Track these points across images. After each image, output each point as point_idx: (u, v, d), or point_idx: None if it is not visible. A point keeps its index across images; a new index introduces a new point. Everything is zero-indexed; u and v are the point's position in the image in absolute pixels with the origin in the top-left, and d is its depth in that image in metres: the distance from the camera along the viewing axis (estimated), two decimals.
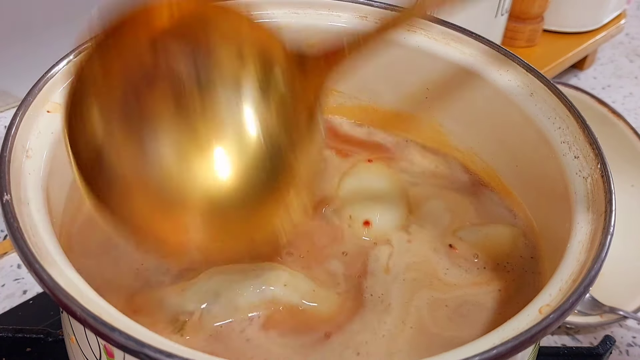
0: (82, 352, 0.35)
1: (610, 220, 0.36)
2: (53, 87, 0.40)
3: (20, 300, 0.60)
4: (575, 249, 0.36)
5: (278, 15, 0.50)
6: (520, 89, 0.46)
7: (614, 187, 0.38)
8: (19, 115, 0.37)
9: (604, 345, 0.53)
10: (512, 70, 0.47)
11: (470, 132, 0.51)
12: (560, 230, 0.39)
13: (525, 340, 0.30)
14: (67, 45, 0.42)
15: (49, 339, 0.47)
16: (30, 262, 0.30)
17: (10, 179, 0.33)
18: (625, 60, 1.16)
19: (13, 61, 0.75)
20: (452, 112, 0.51)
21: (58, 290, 0.29)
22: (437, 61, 0.49)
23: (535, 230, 0.46)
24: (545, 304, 0.32)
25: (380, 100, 0.54)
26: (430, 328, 0.38)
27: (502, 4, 0.83)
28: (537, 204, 0.46)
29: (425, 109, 0.53)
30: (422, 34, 0.50)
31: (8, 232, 0.31)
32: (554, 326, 0.31)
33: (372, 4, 0.50)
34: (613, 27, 1.08)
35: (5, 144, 0.35)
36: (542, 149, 0.44)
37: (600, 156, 0.40)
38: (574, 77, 1.10)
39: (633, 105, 1.03)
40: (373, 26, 0.37)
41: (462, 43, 0.49)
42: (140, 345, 0.27)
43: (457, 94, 0.50)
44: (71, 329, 0.36)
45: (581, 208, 0.38)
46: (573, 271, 0.34)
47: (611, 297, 0.65)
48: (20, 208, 0.33)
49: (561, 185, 0.41)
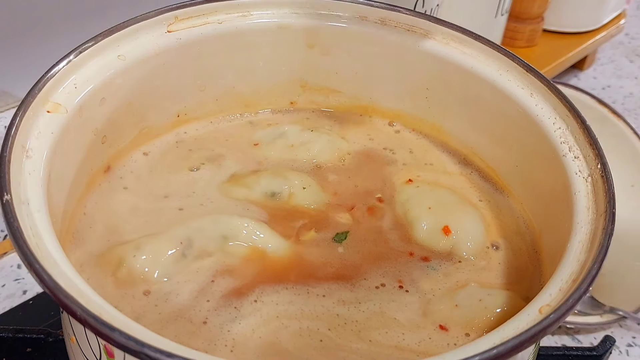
0: (82, 352, 0.35)
1: (611, 220, 0.36)
2: (53, 87, 0.40)
3: (21, 300, 0.60)
4: (575, 249, 0.36)
5: (278, 15, 0.50)
6: (520, 89, 0.46)
7: (614, 187, 0.38)
8: (19, 115, 0.37)
9: (604, 345, 0.53)
10: (512, 70, 0.47)
11: (470, 132, 0.51)
12: (560, 230, 0.39)
13: (525, 340, 0.30)
14: (67, 45, 0.42)
15: (49, 339, 0.47)
16: (30, 262, 0.30)
17: (10, 179, 0.33)
18: (625, 60, 1.16)
19: (13, 61, 0.75)
20: (452, 112, 0.51)
21: (58, 290, 0.29)
22: (437, 61, 0.49)
23: (535, 230, 0.46)
24: (545, 304, 0.32)
25: (380, 100, 0.54)
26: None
27: (502, 4, 0.83)
28: (537, 204, 0.46)
29: (425, 109, 0.53)
30: (422, 34, 0.50)
31: (8, 232, 0.31)
32: (554, 326, 0.31)
33: (372, 4, 0.50)
34: (613, 27, 1.08)
35: (5, 144, 0.35)
36: (542, 149, 0.44)
37: (600, 156, 0.40)
38: (574, 77, 1.10)
39: (633, 105, 1.03)
40: None
41: (462, 43, 0.49)
42: (140, 345, 0.27)
43: (457, 94, 0.50)
44: (71, 329, 0.36)
45: (581, 208, 0.38)
46: (573, 271, 0.34)
47: (611, 297, 0.65)
48: (20, 208, 0.33)
49: (561, 185, 0.41)
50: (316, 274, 0.41)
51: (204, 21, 0.48)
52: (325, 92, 0.54)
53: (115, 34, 0.44)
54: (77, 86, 0.41)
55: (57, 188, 0.38)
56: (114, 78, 0.43)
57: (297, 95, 0.55)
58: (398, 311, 0.39)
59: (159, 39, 0.46)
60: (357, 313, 0.39)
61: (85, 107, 0.41)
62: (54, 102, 0.39)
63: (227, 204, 0.45)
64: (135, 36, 0.45)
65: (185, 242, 0.41)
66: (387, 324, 0.38)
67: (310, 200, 0.46)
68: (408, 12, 0.50)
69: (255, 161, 0.50)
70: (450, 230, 0.44)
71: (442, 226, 0.44)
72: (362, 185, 0.49)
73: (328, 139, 0.51)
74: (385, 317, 0.39)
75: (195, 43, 0.48)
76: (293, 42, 0.51)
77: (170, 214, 0.44)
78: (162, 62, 0.47)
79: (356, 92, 0.54)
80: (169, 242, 0.40)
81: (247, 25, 0.49)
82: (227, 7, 0.49)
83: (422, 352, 0.37)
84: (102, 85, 0.42)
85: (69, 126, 0.39)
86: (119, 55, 0.44)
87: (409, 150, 0.52)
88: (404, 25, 0.50)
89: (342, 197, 0.47)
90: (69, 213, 0.42)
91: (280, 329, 0.37)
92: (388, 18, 0.50)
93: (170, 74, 0.48)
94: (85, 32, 0.44)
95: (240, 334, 0.37)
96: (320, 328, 0.38)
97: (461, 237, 0.44)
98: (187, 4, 0.47)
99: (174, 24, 0.47)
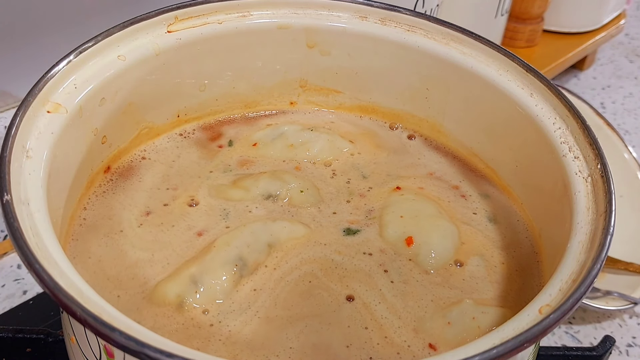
0: (82, 352, 0.35)
1: (610, 220, 0.36)
2: (53, 87, 0.40)
3: (21, 300, 0.60)
4: (575, 249, 0.36)
5: (278, 15, 0.50)
6: (520, 89, 0.46)
7: (614, 187, 0.38)
8: (19, 115, 0.37)
9: (604, 345, 0.53)
10: (512, 70, 0.47)
11: (470, 132, 0.51)
12: (560, 230, 0.39)
13: (525, 340, 0.30)
14: (67, 45, 0.42)
15: (49, 339, 0.47)
16: (30, 262, 0.30)
17: (10, 179, 0.33)
18: (625, 60, 1.16)
19: (13, 61, 0.75)
20: (452, 112, 0.51)
21: (58, 290, 0.29)
22: (437, 61, 0.49)
23: (535, 230, 0.46)
24: (545, 304, 0.32)
25: (380, 100, 0.54)
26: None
27: (502, 4, 0.83)
28: (537, 204, 0.46)
29: (425, 109, 0.53)
30: (422, 34, 0.50)
31: (8, 232, 0.31)
32: (554, 326, 0.31)
33: (372, 4, 0.50)
34: (613, 28, 1.08)
35: (5, 144, 0.35)
36: (542, 149, 0.44)
37: (600, 156, 0.40)
38: (574, 77, 1.10)
39: (633, 106, 1.03)
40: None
41: (462, 43, 0.49)
42: (140, 345, 0.27)
43: (457, 94, 0.50)
44: (71, 329, 0.36)
45: (581, 208, 0.38)
46: (573, 271, 0.34)
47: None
48: (20, 208, 0.33)
49: (561, 185, 0.41)
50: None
51: (204, 21, 0.48)
52: (325, 92, 0.54)
53: (115, 34, 0.44)
54: (77, 86, 0.41)
55: (57, 188, 0.38)
56: (114, 78, 0.43)
57: (296, 96, 0.55)
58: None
59: (159, 39, 0.46)
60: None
61: (85, 107, 0.41)
62: (54, 102, 0.39)
63: (226, 206, 0.46)
64: (135, 36, 0.45)
65: (240, 263, 0.40)
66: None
67: (309, 203, 0.46)
68: (408, 12, 0.50)
69: (253, 162, 0.50)
70: (413, 242, 0.43)
71: (407, 237, 0.43)
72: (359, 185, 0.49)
73: (328, 138, 0.51)
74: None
75: (195, 43, 0.48)
76: (293, 42, 0.51)
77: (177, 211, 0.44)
78: (162, 62, 0.47)
79: (356, 92, 0.54)
80: (223, 267, 0.40)
81: (247, 25, 0.49)
82: (227, 7, 0.49)
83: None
84: (102, 85, 0.42)
85: (69, 126, 0.39)
86: (119, 55, 0.44)
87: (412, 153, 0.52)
88: (404, 26, 0.50)
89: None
90: (69, 213, 0.42)
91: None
92: (388, 18, 0.50)
93: (170, 74, 0.48)
94: (85, 32, 0.44)
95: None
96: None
97: (423, 250, 0.43)
98: (187, 4, 0.47)
99: (174, 24, 0.47)
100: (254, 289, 0.40)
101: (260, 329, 0.38)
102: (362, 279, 0.41)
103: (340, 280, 0.41)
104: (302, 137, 0.51)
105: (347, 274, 0.41)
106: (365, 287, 0.41)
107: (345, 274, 0.41)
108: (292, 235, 0.43)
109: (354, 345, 0.37)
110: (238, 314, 0.38)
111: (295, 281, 0.41)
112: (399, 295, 0.40)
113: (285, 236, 0.43)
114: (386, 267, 0.42)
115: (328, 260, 0.42)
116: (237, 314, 0.38)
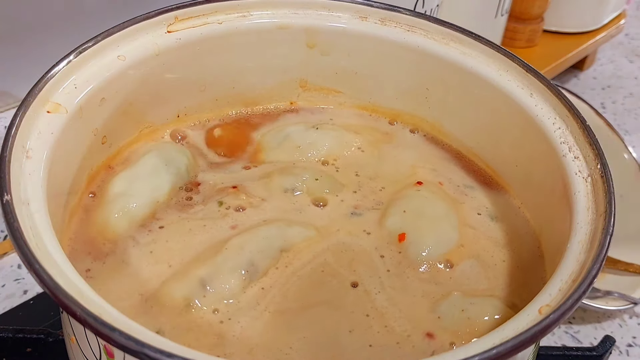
0: (82, 352, 0.35)
1: (610, 220, 0.36)
2: (53, 87, 0.40)
3: (21, 300, 0.60)
4: (575, 249, 0.36)
5: (278, 15, 0.50)
6: (520, 89, 0.46)
7: (613, 187, 0.38)
8: (19, 115, 0.37)
9: (604, 345, 0.53)
10: (512, 70, 0.47)
11: (470, 132, 0.51)
12: (560, 230, 0.39)
13: (525, 340, 0.30)
14: (67, 45, 0.42)
15: (49, 339, 0.47)
16: (30, 262, 0.30)
17: (10, 179, 0.33)
18: (625, 60, 1.16)
19: (13, 61, 0.75)
20: (452, 112, 0.51)
21: (58, 290, 0.29)
22: (437, 61, 0.49)
23: (535, 230, 0.46)
24: (545, 304, 0.32)
25: (380, 100, 0.54)
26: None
27: (502, 4, 0.83)
28: (537, 204, 0.46)
29: (425, 109, 0.53)
30: (422, 34, 0.50)
31: (8, 232, 0.31)
32: (554, 326, 0.31)
33: (372, 4, 0.50)
34: (613, 28, 1.08)
35: (5, 144, 0.35)
36: (542, 149, 0.44)
37: (600, 156, 0.40)
38: (574, 77, 1.10)
39: (633, 105, 1.03)
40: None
41: (462, 43, 0.49)
42: (140, 345, 0.27)
43: (457, 94, 0.50)
44: (71, 329, 0.36)
45: (581, 208, 0.38)
46: (573, 271, 0.34)
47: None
48: (20, 208, 0.33)
49: (561, 185, 0.41)
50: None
51: (204, 21, 0.48)
52: (325, 92, 0.54)
53: (115, 34, 0.44)
54: (77, 86, 0.41)
55: (57, 188, 0.38)
56: (114, 78, 0.43)
57: (297, 96, 0.55)
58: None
59: (159, 39, 0.46)
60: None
61: (85, 107, 0.41)
62: (54, 102, 0.39)
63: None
64: (135, 36, 0.45)
65: (251, 269, 0.40)
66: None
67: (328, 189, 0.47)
68: (408, 12, 0.50)
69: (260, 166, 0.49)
70: (405, 239, 0.43)
71: (401, 232, 0.43)
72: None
73: (334, 135, 0.51)
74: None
75: (195, 43, 0.48)
76: (293, 42, 0.51)
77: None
78: (162, 62, 0.47)
79: (356, 92, 0.54)
80: (233, 271, 0.40)
81: (247, 26, 0.49)
82: (227, 7, 0.49)
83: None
84: (102, 85, 0.42)
85: (69, 126, 0.39)
86: (118, 55, 0.44)
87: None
88: (404, 26, 0.50)
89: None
90: (69, 213, 0.42)
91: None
92: (388, 18, 0.50)
93: (170, 74, 0.48)
94: (85, 32, 0.44)
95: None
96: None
97: (411, 249, 0.43)
98: (187, 4, 0.47)
99: (174, 24, 0.47)
100: (263, 287, 0.40)
101: (271, 322, 0.38)
102: (366, 263, 0.42)
103: (349, 264, 0.41)
104: (309, 137, 0.50)
105: (355, 256, 0.42)
106: (369, 272, 0.41)
107: (353, 256, 0.42)
108: (306, 236, 0.43)
109: (355, 331, 0.38)
110: (247, 310, 0.38)
111: (307, 274, 0.41)
112: (394, 286, 0.41)
113: (299, 240, 0.43)
114: (382, 252, 0.43)
115: (339, 244, 0.43)
116: (247, 310, 0.38)
